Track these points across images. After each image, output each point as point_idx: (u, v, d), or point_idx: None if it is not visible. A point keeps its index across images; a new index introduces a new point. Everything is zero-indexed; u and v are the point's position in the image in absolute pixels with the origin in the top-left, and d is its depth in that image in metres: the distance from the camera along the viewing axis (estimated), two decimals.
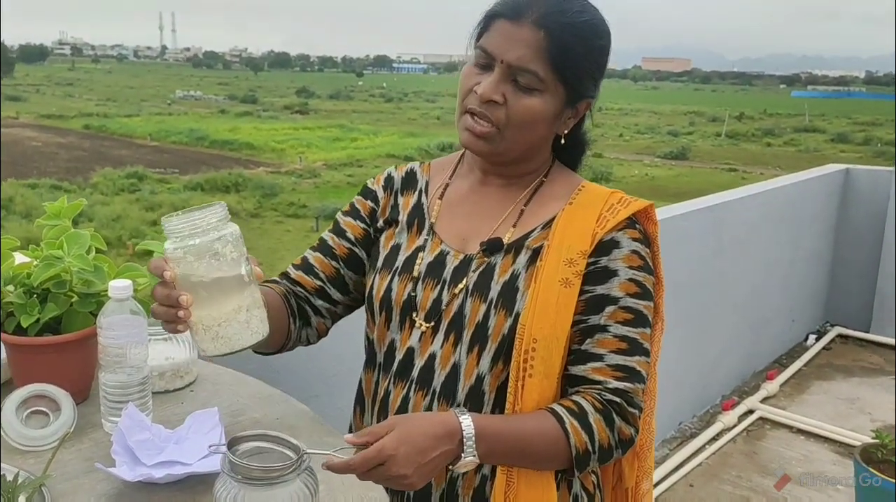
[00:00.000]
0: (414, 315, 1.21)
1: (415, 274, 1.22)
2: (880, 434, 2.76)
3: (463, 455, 1.02)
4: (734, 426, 3.56)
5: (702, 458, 3.31)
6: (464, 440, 1.01)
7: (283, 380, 1.53)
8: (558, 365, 1.12)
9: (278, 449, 0.94)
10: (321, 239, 1.34)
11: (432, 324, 1.20)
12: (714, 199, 3.80)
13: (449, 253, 1.22)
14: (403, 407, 1.20)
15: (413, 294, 1.21)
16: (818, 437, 3.50)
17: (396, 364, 1.22)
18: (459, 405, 1.16)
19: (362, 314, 1.32)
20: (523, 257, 1.17)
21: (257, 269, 1.05)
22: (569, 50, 1.12)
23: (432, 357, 1.19)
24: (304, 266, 1.32)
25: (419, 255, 1.24)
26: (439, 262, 1.22)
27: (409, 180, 1.33)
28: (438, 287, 1.20)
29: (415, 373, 1.20)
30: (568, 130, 1.21)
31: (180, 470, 1.08)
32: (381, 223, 1.32)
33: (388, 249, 1.28)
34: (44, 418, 1.16)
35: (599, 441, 1.08)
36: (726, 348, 3.94)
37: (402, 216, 1.30)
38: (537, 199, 1.22)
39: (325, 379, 1.90)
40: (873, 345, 4.57)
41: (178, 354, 1.38)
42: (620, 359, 1.12)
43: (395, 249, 1.27)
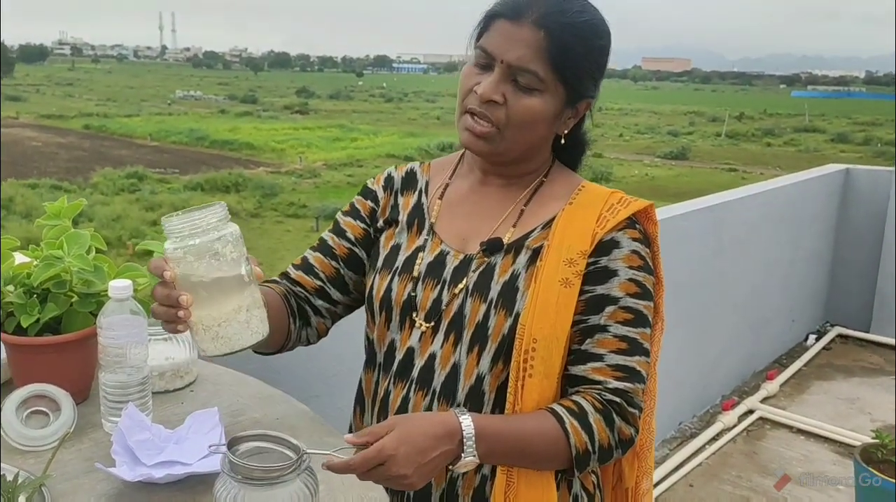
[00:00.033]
0: (414, 315, 1.21)
1: (415, 274, 1.22)
2: (880, 434, 2.76)
3: (463, 455, 1.02)
4: (734, 426, 3.56)
5: (702, 458, 3.31)
6: (464, 440, 1.01)
7: (284, 380, 1.53)
8: (558, 365, 1.12)
9: (278, 449, 0.94)
10: (321, 239, 1.34)
11: (432, 324, 1.20)
12: (714, 199, 3.80)
13: (449, 253, 1.22)
14: (403, 407, 1.20)
15: (413, 294, 1.21)
16: (818, 437, 3.50)
17: (396, 364, 1.22)
18: (459, 405, 1.16)
19: (362, 314, 1.32)
20: (523, 257, 1.17)
21: (257, 269, 1.05)
22: (569, 50, 1.12)
23: (432, 357, 1.19)
24: (304, 266, 1.32)
25: (419, 255, 1.24)
26: (439, 262, 1.22)
27: (409, 180, 1.33)
28: (438, 287, 1.20)
29: (415, 373, 1.20)
30: (568, 130, 1.21)
31: (180, 470, 1.08)
32: (381, 223, 1.32)
33: (388, 249, 1.28)
34: (44, 418, 1.16)
35: (599, 441, 1.08)
36: (726, 348, 3.94)
37: (402, 216, 1.30)
38: (537, 199, 1.22)
39: (325, 379, 1.90)
40: (873, 345, 4.57)
41: (178, 354, 1.38)
42: (620, 359, 1.12)
43: (395, 249, 1.27)
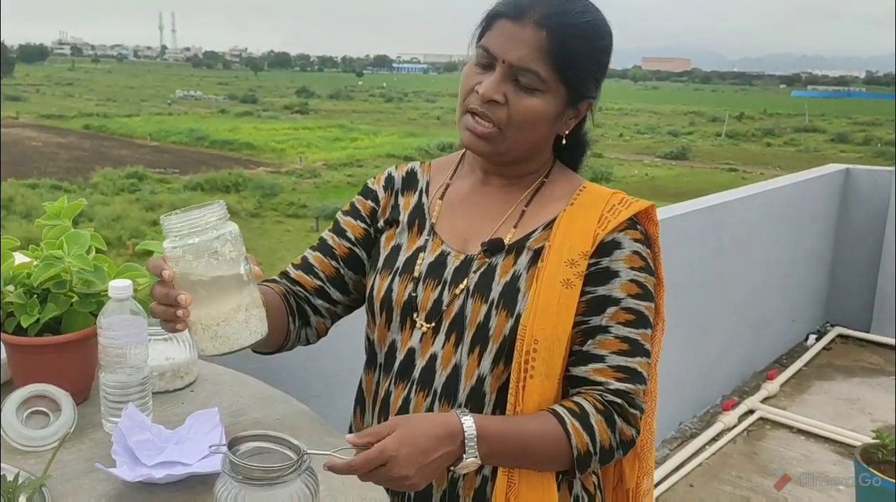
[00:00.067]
0: (415, 315, 1.21)
1: (415, 274, 1.22)
2: (881, 434, 2.76)
3: (465, 456, 1.02)
4: (734, 426, 3.56)
5: (702, 458, 3.31)
6: (465, 441, 1.01)
7: (284, 381, 1.53)
8: (559, 366, 1.12)
9: (279, 449, 0.94)
10: (321, 238, 1.34)
11: (433, 324, 1.19)
12: (714, 199, 3.80)
13: (450, 253, 1.22)
14: (404, 408, 1.20)
15: (414, 294, 1.21)
16: (818, 437, 3.49)
17: (397, 364, 1.22)
18: (460, 406, 1.16)
19: (362, 314, 1.31)
20: (524, 258, 1.17)
21: (256, 269, 1.05)
22: (570, 50, 1.11)
23: (433, 357, 1.19)
24: (303, 265, 1.32)
25: (420, 256, 1.24)
26: (440, 263, 1.22)
27: (410, 180, 1.33)
28: (439, 287, 1.20)
29: (416, 374, 1.20)
30: (569, 131, 1.21)
31: (181, 470, 1.08)
32: (381, 223, 1.31)
33: (388, 250, 1.28)
34: (44, 418, 1.16)
35: (601, 442, 1.08)
36: (726, 348, 3.94)
37: (402, 216, 1.29)
38: (538, 200, 1.22)
39: (325, 379, 1.89)
40: (874, 345, 4.57)
41: (178, 354, 1.38)
42: (622, 361, 1.11)
43: (396, 250, 1.27)
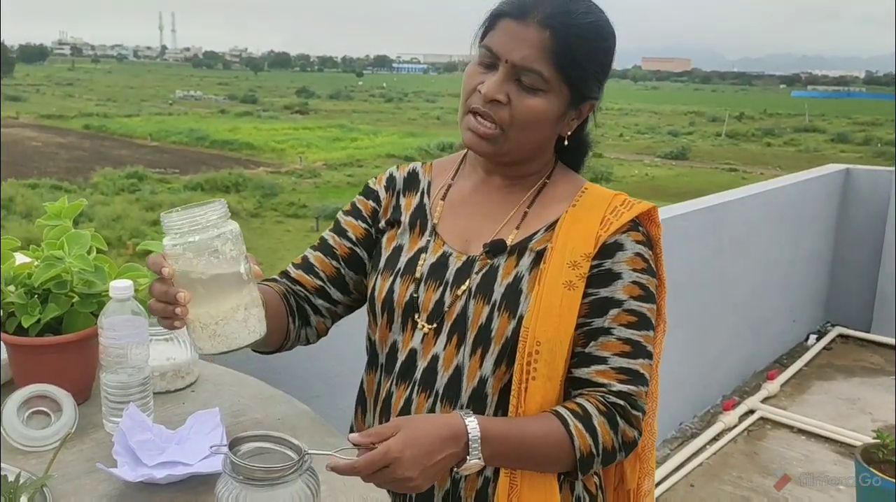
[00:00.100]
0: (416, 316, 1.21)
1: (417, 275, 1.22)
2: (881, 434, 2.76)
3: (468, 457, 1.01)
4: (735, 426, 3.56)
5: (702, 458, 3.31)
6: (469, 442, 1.01)
7: (285, 381, 1.52)
8: (562, 367, 1.12)
9: (280, 449, 0.94)
10: (322, 238, 1.34)
11: (435, 325, 1.19)
12: (714, 199, 3.80)
13: (451, 254, 1.22)
14: (406, 409, 1.19)
15: (415, 295, 1.21)
16: (819, 437, 3.49)
17: (399, 365, 1.22)
18: (462, 407, 1.16)
19: (363, 314, 1.31)
20: (527, 259, 1.17)
21: (256, 268, 1.05)
22: (574, 51, 1.11)
23: (435, 358, 1.18)
24: (304, 265, 1.32)
25: (421, 256, 1.23)
26: (442, 264, 1.21)
27: (412, 181, 1.33)
28: (441, 288, 1.20)
29: (417, 375, 1.20)
30: (571, 132, 1.21)
31: (182, 470, 1.08)
32: (382, 223, 1.31)
33: (390, 250, 1.27)
34: (45, 418, 1.16)
35: (603, 443, 1.08)
36: (727, 348, 3.94)
37: (404, 217, 1.29)
38: (540, 201, 1.22)
39: (326, 379, 1.89)
40: (874, 345, 4.57)
41: (179, 355, 1.38)
42: (624, 362, 1.11)
43: (398, 250, 1.26)
